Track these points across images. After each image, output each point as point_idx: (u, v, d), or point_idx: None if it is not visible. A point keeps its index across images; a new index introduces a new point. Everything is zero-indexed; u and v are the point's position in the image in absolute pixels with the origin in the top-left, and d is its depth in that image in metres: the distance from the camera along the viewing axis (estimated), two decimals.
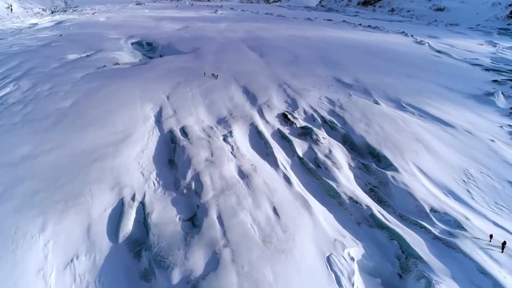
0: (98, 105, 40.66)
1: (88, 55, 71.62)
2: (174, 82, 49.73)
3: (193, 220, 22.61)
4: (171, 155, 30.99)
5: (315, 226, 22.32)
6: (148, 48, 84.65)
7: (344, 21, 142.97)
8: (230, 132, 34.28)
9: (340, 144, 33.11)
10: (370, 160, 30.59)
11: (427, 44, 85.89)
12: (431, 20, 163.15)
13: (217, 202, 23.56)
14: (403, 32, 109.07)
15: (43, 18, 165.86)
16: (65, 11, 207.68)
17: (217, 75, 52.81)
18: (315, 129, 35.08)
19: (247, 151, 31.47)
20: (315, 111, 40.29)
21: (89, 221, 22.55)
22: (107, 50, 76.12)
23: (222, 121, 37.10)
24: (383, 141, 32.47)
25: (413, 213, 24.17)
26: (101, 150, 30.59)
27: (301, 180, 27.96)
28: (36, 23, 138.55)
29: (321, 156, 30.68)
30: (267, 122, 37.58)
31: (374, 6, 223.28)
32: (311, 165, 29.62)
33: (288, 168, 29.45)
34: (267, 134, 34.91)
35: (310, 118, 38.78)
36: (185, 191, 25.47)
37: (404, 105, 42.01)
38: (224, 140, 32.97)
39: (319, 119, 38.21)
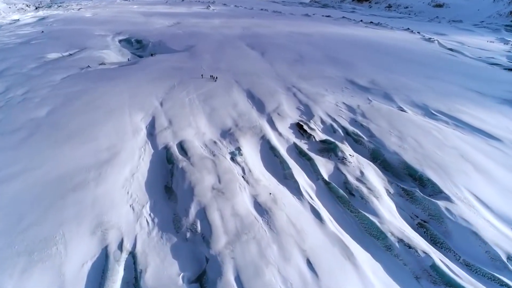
0: (79, 114, 34.43)
1: (70, 54, 64.81)
2: (167, 85, 43.67)
3: (202, 282, 16.82)
4: (168, 180, 25.14)
5: (364, 285, 16.77)
6: (138, 46, 77.97)
7: (343, 17, 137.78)
8: (239, 149, 28.52)
9: (370, 163, 27.61)
10: (411, 185, 25.12)
11: (436, 41, 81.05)
12: (430, 16, 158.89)
13: (233, 254, 17.83)
14: (408, 28, 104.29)
15: (26, 14, 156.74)
16: (50, 6, 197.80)
17: (216, 77, 46.87)
18: (339, 144, 29.50)
19: (261, 174, 25.76)
20: (334, 120, 34.73)
21: (60, 284, 16.61)
22: (92, 48, 69.35)
23: (227, 134, 31.29)
24: (423, 160, 27.05)
25: (485, 262, 18.79)
26: (81, 175, 24.57)
27: (333, 213, 22.40)
28: (18, 19, 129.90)
29: (352, 179, 25.14)
30: (280, 134, 31.89)
31: (370, 2, 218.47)
32: (341, 191, 24.03)
33: (314, 196, 23.84)
34: (282, 150, 29.24)
35: (329, 129, 33.22)
36: (188, 234, 19.66)
37: (434, 112, 36.73)
38: (232, 159, 27.19)
39: (340, 130, 32.67)
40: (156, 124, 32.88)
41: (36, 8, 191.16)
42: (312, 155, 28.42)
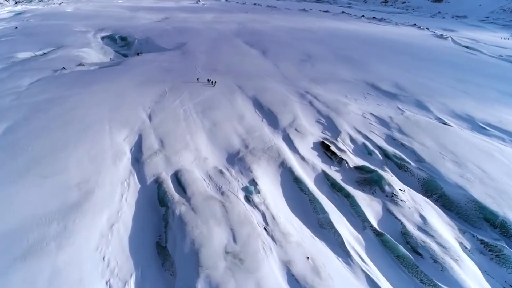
0: (44, 133, 27.03)
1: (44, 53, 56.70)
2: (157, 92, 36.45)
3: None
4: (161, 234, 18.19)
5: None
6: (122, 44, 70.14)
7: (343, 12, 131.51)
8: (254, 183, 21.63)
9: (428, 201, 21.10)
10: (493, 235, 18.63)
11: (450, 38, 75.23)
12: (429, 11, 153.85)
13: None
14: (415, 24, 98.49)
15: (3, 8, 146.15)
16: (30, 1, 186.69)
17: (214, 82, 39.70)
18: (382, 172, 22.84)
19: (289, 222, 18.95)
20: (366, 137, 28.12)
21: None
22: (70, 46, 61.27)
23: (235, 160, 24.40)
24: (499, 197, 20.59)
25: None
26: (38, 230, 17.46)
27: (398, 286, 15.71)
28: None
29: (412, 228, 18.56)
30: (302, 158, 25.09)
31: None
32: (401, 249, 17.37)
33: (365, 257, 17.15)
34: (310, 182, 22.46)
35: (362, 150, 26.60)
36: None
37: (482, 125, 30.50)
38: (247, 199, 20.31)
39: (377, 152, 26.06)
40: (143, 146, 25.71)
41: (16, 3, 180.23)
42: (350, 189, 21.73)
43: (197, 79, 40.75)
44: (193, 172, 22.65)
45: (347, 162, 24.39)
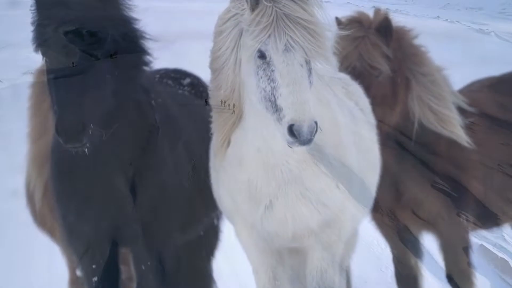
0: None
1: None
2: None
3: None
4: None
5: None
6: (91, 41, 54.41)
7: (348, 2, 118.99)
8: None
9: None
10: None
11: (493, 33, 63.63)
12: (435, 2, 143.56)
13: None
14: (438, 17, 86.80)
15: None
16: None
17: (233, 105, 25.23)
18: None
19: None
20: None
21: None
22: (19, 44, 44.32)
23: None
24: None
25: None
26: None
27: None
28: None
29: None
30: None
31: None
32: None
33: None
34: None
35: None
36: None
37: None
38: None
39: None
40: None
41: None
42: None
43: (205, 100, 26.36)
44: None
45: None
